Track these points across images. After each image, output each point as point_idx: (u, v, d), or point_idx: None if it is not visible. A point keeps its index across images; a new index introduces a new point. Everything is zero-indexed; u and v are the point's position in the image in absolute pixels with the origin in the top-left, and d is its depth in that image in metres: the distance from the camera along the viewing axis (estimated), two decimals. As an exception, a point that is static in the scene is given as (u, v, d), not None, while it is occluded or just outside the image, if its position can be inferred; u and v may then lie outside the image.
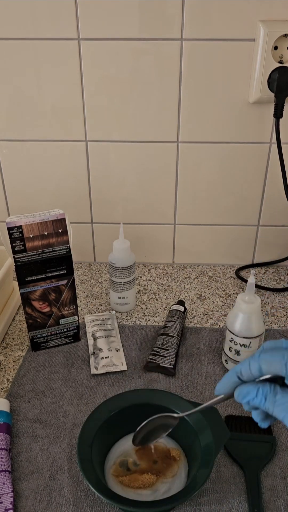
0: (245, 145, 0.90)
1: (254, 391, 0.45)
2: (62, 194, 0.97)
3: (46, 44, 0.82)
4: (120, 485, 0.57)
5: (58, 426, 0.67)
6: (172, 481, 0.58)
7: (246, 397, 0.46)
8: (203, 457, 0.56)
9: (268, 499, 0.57)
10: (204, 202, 0.97)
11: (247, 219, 0.99)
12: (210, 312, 0.90)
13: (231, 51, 0.82)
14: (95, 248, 1.04)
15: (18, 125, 0.90)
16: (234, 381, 0.47)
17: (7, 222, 0.70)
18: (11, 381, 0.74)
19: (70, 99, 0.87)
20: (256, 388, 0.45)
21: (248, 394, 0.46)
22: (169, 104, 0.87)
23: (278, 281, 0.99)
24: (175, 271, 1.03)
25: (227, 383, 0.48)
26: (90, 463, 0.56)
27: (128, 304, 0.89)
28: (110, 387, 0.73)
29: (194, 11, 0.79)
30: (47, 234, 0.72)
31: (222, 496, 0.58)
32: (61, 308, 0.78)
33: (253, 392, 0.45)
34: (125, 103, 0.87)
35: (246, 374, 0.46)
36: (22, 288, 0.74)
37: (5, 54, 0.83)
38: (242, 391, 0.46)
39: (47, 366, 0.77)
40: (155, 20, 0.80)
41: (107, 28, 0.81)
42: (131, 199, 0.97)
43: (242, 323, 0.70)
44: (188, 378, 0.74)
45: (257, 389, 0.45)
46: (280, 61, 0.80)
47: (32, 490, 0.59)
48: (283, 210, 0.96)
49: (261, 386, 0.45)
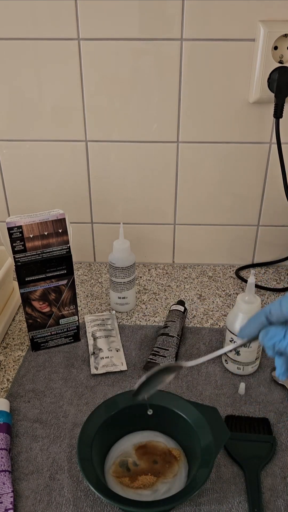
0: (245, 145, 0.90)
1: (282, 333, 0.42)
2: (62, 194, 0.97)
3: (46, 44, 0.82)
4: (120, 485, 0.57)
5: (58, 426, 0.67)
6: (172, 481, 0.58)
7: (272, 339, 0.43)
8: (203, 457, 0.56)
9: (268, 499, 0.57)
10: (204, 202, 0.97)
11: (247, 219, 0.99)
12: (210, 312, 0.90)
13: (231, 51, 0.82)
14: (95, 248, 1.04)
15: (18, 125, 0.90)
16: (261, 321, 0.44)
17: (7, 222, 0.70)
18: (11, 381, 0.74)
19: (70, 99, 0.87)
20: (284, 329, 0.42)
21: (275, 336, 0.43)
22: (169, 104, 0.87)
23: (278, 281, 0.99)
24: (175, 271, 1.03)
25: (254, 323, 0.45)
26: (90, 463, 0.56)
27: (128, 304, 0.89)
28: (110, 387, 0.73)
29: (194, 11, 0.79)
30: (47, 234, 0.72)
31: (222, 496, 0.58)
32: (61, 308, 0.78)
33: (281, 333, 0.42)
34: (125, 103, 0.87)
35: (276, 314, 0.43)
36: (22, 288, 0.74)
37: (5, 54, 0.83)
38: (269, 332, 0.43)
39: (47, 366, 0.77)
40: (155, 20, 0.80)
41: (107, 28, 0.81)
42: (131, 199, 0.97)
43: (242, 323, 0.70)
44: (188, 378, 0.74)
45: (286, 330, 0.42)
46: (280, 61, 0.80)
47: (32, 490, 0.59)
48: (283, 210, 0.96)
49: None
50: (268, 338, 0.43)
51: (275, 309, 0.44)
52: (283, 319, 0.43)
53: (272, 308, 0.44)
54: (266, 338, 0.43)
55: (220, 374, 0.75)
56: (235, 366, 0.73)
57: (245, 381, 0.72)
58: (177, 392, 0.71)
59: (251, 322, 0.46)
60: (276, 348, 0.43)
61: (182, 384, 0.73)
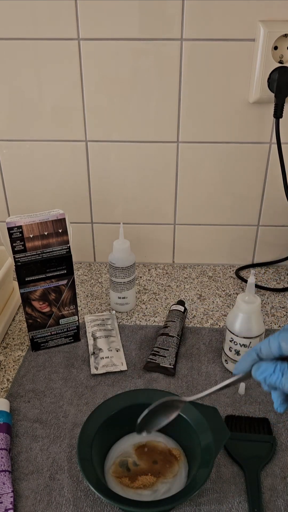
0: (245, 145, 0.90)
1: (272, 368, 0.46)
2: (62, 194, 0.97)
3: (46, 44, 0.82)
4: (120, 485, 0.57)
5: (58, 426, 0.67)
6: (172, 481, 0.58)
7: (263, 373, 0.47)
8: (203, 457, 0.56)
9: (268, 499, 0.57)
10: (204, 202, 0.97)
11: (247, 219, 0.99)
12: (210, 312, 0.90)
13: (231, 51, 0.82)
14: (95, 248, 1.04)
15: (18, 125, 0.90)
16: (253, 358, 0.48)
17: (7, 222, 0.70)
18: (11, 381, 0.74)
19: (70, 99, 0.87)
20: (274, 365, 0.46)
21: (266, 370, 0.47)
22: (169, 104, 0.87)
23: (278, 281, 0.99)
24: (175, 271, 1.03)
25: (246, 361, 0.49)
26: (90, 463, 0.56)
27: (128, 304, 0.89)
28: (110, 387, 0.73)
29: (194, 11, 0.79)
30: (47, 234, 0.72)
31: (222, 496, 0.58)
32: (61, 308, 0.78)
33: (271, 368, 0.46)
34: (125, 103, 0.87)
35: (265, 351, 0.47)
36: (22, 288, 0.74)
37: (5, 54, 0.83)
38: (260, 367, 0.47)
39: (47, 366, 0.77)
40: (155, 20, 0.80)
41: (107, 28, 0.81)
42: (131, 199, 0.97)
43: (242, 323, 0.70)
44: (188, 378, 0.74)
45: (275, 366, 0.46)
46: (280, 61, 0.80)
47: (32, 490, 0.59)
48: (283, 210, 0.96)
49: (279, 363, 0.46)
50: (259, 372, 0.47)
51: (264, 347, 0.48)
52: (272, 356, 0.47)
53: (262, 346, 0.48)
54: (258, 372, 0.47)
55: (220, 374, 0.75)
56: (235, 366, 0.73)
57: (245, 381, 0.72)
58: (177, 392, 0.71)
59: (244, 359, 0.50)
60: (267, 381, 0.47)
61: (182, 384, 0.73)
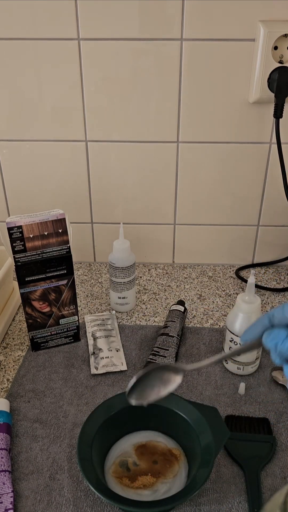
0: (245, 145, 0.90)
1: (284, 334, 0.44)
2: (62, 194, 0.97)
3: (46, 44, 0.82)
4: (120, 485, 0.57)
5: (58, 426, 0.67)
6: (172, 481, 0.58)
7: (274, 339, 0.44)
8: (203, 457, 0.56)
9: (268, 499, 0.57)
10: (204, 202, 0.97)
11: (247, 219, 0.99)
12: (210, 312, 0.90)
13: (231, 51, 0.82)
14: (95, 248, 1.04)
15: (18, 125, 0.90)
16: (264, 324, 0.46)
17: (7, 222, 0.70)
18: (11, 381, 0.74)
19: (70, 99, 0.87)
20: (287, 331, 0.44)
21: (277, 336, 0.44)
22: (169, 104, 0.87)
23: (278, 281, 0.99)
24: (175, 271, 1.03)
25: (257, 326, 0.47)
26: (90, 463, 0.56)
27: (128, 304, 0.89)
28: (110, 387, 0.73)
29: (194, 11, 0.79)
30: (47, 234, 0.72)
31: (222, 496, 0.58)
32: (61, 308, 0.78)
33: (283, 334, 0.44)
34: (125, 103, 0.87)
35: (278, 317, 0.45)
36: (22, 288, 0.74)
37: (5, 54, 0.83)
38: (272, 333, 0.45)
39: (47, 366, 0.77)
40: (155, 20, 0.80)
41: (107, 28, 0.81)
42: (131, 199, 0.97)
43: (242, 323, 0.70)
44: (188, 378, 0.74)
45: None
46: (280, 61, 0.80)
47: (32, 490, 0.59)
48: (283, 210, 0.96)
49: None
50: (271, 338, 0.45)
51: (278, 312, 0.45)
52: (285, 322, 0.45)
53: (275, 312, 0.46)
54: (269, 338, 0.45)
55: (220, 374, 0.75)
56: (235, 366, 0.73)
57: (245, 381, 0.72)
58: (177, 392, 0.71)
59: (254, 325, 0.47)
60: (278, 349, 0.44)
61: (182, 384, 0.73)
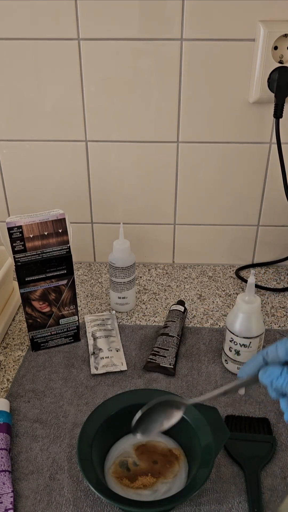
0: (245, 145, 0.90)
1: (279, 371, 0.46)
2: (62, 194, 0.97)
3: (46, 44, 0.82)
4: (120, 485, 0.57)
5: (58, 426, 0.67)
6: (172, 481, 0.58)
7: (270, 377, 0.47)
8: (203, 457, 0.56)
9: (268, 499, 0.57)
10: (204, 202, 0.97)
11: (247, 219, 0.99)
12: (210, 312, 0.90)
13: (231, 51, 0.82)
14: (95, 248, 1.04)
15: (18, 125, 0.90)
16: (259, 363, 0.49)
17: (7, 222, 0.70)
18: (11, 381, 0.74)
19: (70, 99, 0.87)
20: (281, 368, 0.46)
21: (272, 374, 0.47)
22: (169, 104, 0.87)
23: (278, 281, 0.99)
24: (175, 271, 1.03)
25: (252, 364, 0.50)
26: (90, 463, 0.56)
27: (128, 304, 0.89)
28: (110, 387, 0.73)
29: (194, 11, 0.79)
30: (47, 234, 0.72)
31: (222, 496, 0.58)
32: (61, 308, 0.78)
33: (277, 371, 0.46)
34: (125, 103, 0.87)
35: (272, 355, 0.48)
36: (22, 288, 0.74)
37: (5, 54, 0.83)
38: (267, 370, 0.47)
39: (47, 366, 0.77)
40: (155, 20, 0.80)
41: (107, 28, 0.81)
42: (131, 199, 0.97)
43: (242, 323, 0.70)
44: (188, 378, 0.74)
45: (282, 369, 0.46)
46: (280, 61, 0.80)
47: (32, 490, 0.59)
48: (283, 210, 0.96)
49: (286, 367, 0.46)
50: (266, 375, 0.47)
51: (271, 351, 0.48)
52: (278, 360, 0.48)
53: (269, 350, 0.49)
54: (265, 375, 0.48)
55: (220, 374, 0.75)
56: (235, 366, 0.73)
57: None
58: (177, 392, 0.71)
59: (250, 363, 0.50)
60: (274, 385, 0.47)
61: (182, 384, 0.73)
